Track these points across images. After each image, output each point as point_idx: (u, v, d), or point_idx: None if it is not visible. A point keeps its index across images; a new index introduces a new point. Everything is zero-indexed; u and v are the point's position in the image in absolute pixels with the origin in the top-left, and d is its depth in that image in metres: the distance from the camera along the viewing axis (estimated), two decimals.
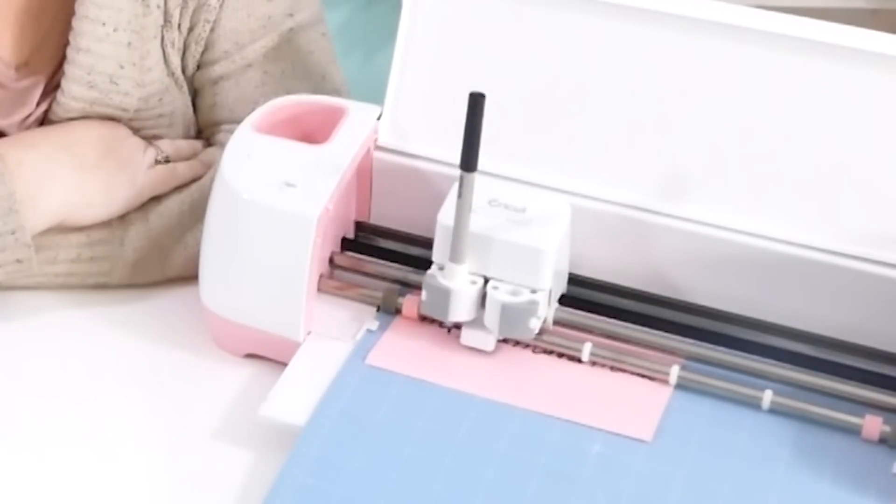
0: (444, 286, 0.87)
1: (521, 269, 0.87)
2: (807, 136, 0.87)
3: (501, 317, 0.86)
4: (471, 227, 0.86)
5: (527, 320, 0.87)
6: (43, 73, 1.01)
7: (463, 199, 0.85)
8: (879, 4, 1.62)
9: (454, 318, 0.88)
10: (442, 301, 0.87)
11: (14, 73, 1.00)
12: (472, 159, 0.84)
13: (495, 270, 0.87)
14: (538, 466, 0.81)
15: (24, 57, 1.00)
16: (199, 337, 0.94)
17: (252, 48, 1.04)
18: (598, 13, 0.90)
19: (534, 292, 0.87)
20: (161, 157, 1.01)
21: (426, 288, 0.87)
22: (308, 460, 0.81)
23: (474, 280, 0.87)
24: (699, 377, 0.86)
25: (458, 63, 0.94)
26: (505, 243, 0.87)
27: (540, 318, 0.87)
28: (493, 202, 0.88)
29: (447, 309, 0.87)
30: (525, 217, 0.88)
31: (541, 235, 0.87)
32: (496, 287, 0.87)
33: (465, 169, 0.84)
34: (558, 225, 0.88)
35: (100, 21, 0.97)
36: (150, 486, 0.84)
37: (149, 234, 0.98)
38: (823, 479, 0.81)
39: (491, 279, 0.87)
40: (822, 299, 0.87)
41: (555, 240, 0.87)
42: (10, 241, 0.93)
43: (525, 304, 0.86)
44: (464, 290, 0.87)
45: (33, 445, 0.86)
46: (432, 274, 0.88)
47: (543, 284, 0.87)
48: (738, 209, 0.89)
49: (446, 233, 0.87)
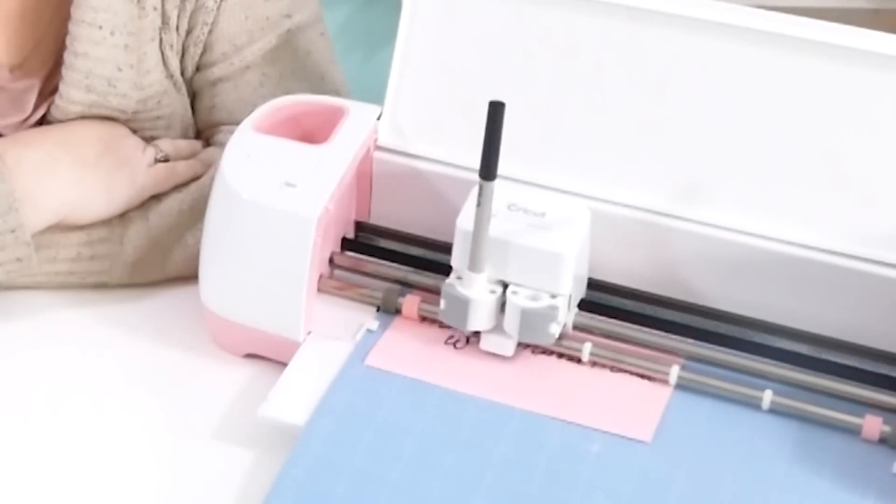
0: (463, 295, 0.86)
1: (541, 273, 0.86)
2: (807, 136, 0.87)
3: (521, 322, 0.86)
4: (490, 232, 0.85)
5: (547, 325, 0.86)
6: (38, 75, 1.01)
7: (482, 208, 0.84)
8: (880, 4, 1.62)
9: (473, 326, 0.87)
10: (461, 310, 0.87)
11: (9, 74, 1.00)
12: (492, 168, 0.83)
13: (515, 275, 0.87)
14: (538, 467, 0.81)
15: (19, 59, 1.00)
16: (199, 337, 0.94)
17: (250, 50, 1.04)
18: (599, 13, 0.90)
19: (554, 297, 0.86)
20: (160, 155, 1.01)
21: (445, 297, 0.87)
22: (308, 460, 0.81)
23: (493, 289, 0.87)
24: (699, 377, 0.86)
25: (458, 63, 0.94)
26: (524, 248, 0.86)
27: (560, 323, 0.87)
28: (513, 206, 0.88)
29: (466, 318, 0.87)
30: (544, 221, 0.87)
31: (561, 240, 0.87)
32: (516, 292, 0.87)
33: (485, 178, 0.84)
34: (578, 229, 0.88)
35: (96, 25, 0.97)
36: (151, 486, 0.84)
37: (149, 233, 0.98)
38: (823, 479, 0.81)
39: (510, 284, 0.87)
40: (822, 299, 0.87)
41: (574, 244, 0.87)
42: (10, 240, 0.93)
43: (545, 309, 0.86)
44: (483, 299, 0.86)
45: (33, 445, 0.86)
46: (451, 283, 0.87)
47: (563, 289, 0.87)
48: (740, 209, 0.88)
49: (465, 238, 0.86)
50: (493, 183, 0.84)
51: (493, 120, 0.82)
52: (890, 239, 0.86)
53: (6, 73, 1.00)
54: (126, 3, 0.98)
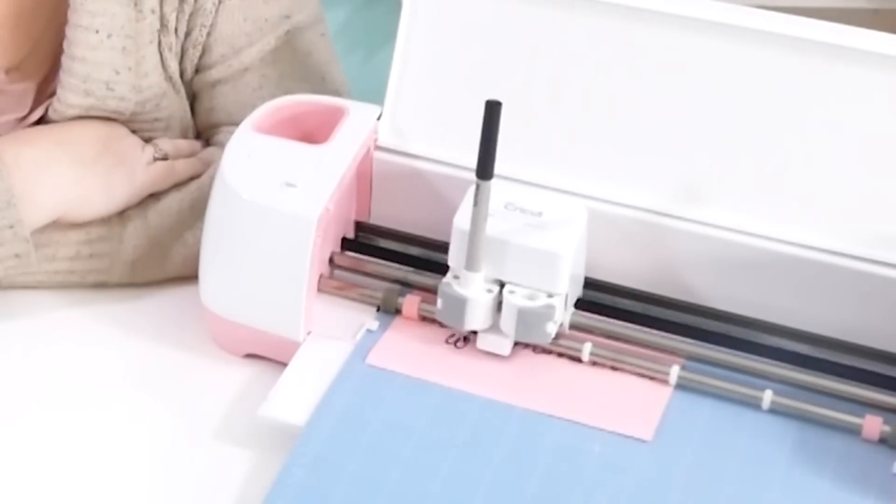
0: (460, 294, 0.86)
1: (538, 273, 0.86)
2: (807, 136, 0.87)
3: (518, 321, 0.86)
4: (487, 231, 0.85)
5: (543, 324, 0.86)
6: (35, 78, 1.01)
7: (479, 208, 0.84)
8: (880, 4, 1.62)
9: (470, 326, 0.87)
10: (458, 309, 0.87)
11: (5, 76, 1.00)
12: (489, 167, 0.83)
13: (511, 274, 0.87)
14: (538, 466, 0.81)
15: (15, 61, 1.00)
16: (199, 337, 0.94)
17: (248, 52, 1.04)
18: (599, 13, 0.90)
19: (550, 296, 0.86)
20: (159, 154, 1.01)
21: (441, 296, 0.87)
22: (308, 460, 0.81)
23: (490, 288, 0.87)
24: (699, 377, 0.86)
25: (458, 63, 0.94)
26: (521, 247, 0.86)
27: (556, 322, 0.87)
28: (510, 206, 0.88)
29: (463, 317, 0.87)
30: (541, 221, 0.87)
31: (557, 239, 0.87)
32: (512, 291, 0.87)
33: (482, 177, 0.84)
34: (575, 229, 0.88)
35: (93, 29, 0.97)
36: (151, 486, 0.84)
37: (148, 232, 0.98)
38: (823, 479, 0.81)
39: (507, 283, 0.87)
40: (822, 299, 0.87)
41: (571, 244, 0.87)
42: (9, 236, 0.93)
43: (542, 308, 0.86)
44: (479, 299, 0.86)
45: (33, 445, 0.86)
46: (447, 282, 0.87)
47: (560, 289, 0.87)
48: (738, 209, 0.88)
49: (462, 237, 0.86)
50: (489, 182, 0.84)
51: (489, 119, 0.82)
52: (890, 239, 0.86)
53: (2, 75, 1.00)
54: (123, 7, 0.98)
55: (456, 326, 0.88)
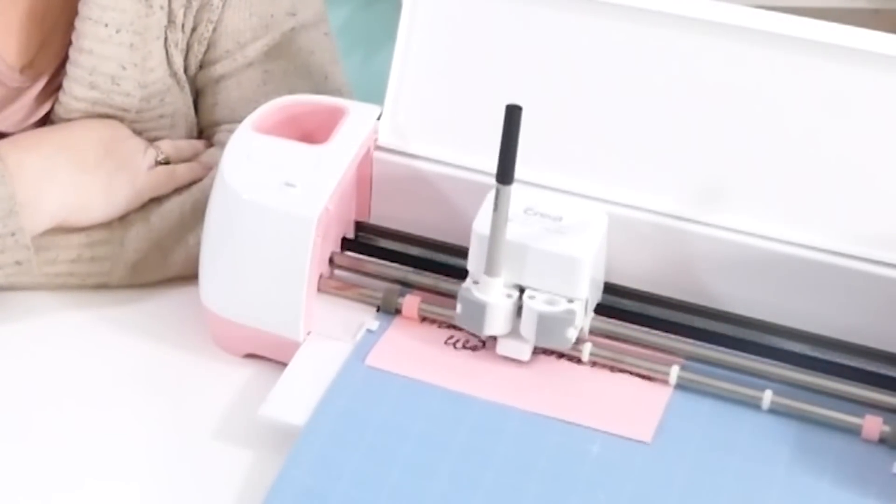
0: (480, 300, 0.86)
1: (558, 278, 0.86)
2: (807, 136, 0.87)
3: (538, 326, 0.86)
4: (507, 236, 0.85)
5: (564, 330, 0.86)
6: (46, 73, 1.01)
7: (499, 213, 0.84)
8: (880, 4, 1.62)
9: (489, 331, 0.87)
10: (477, 314, 0.86)
11: (19, 75, 1.00)
12: (509, 172, 0.83)
13: (531, 279, 0.86)
14: (538, 467, 0.81)
15: (28, 59, 1.01)
16: (199, 337, 0.94)
17: (253, 46, 1.04)
18: (602, 14, 0.90)
19: (571, 301, 0.86)
20: (161, 157, 1.01)
21: (461, 301, 0.87)
22: (308, 460, 0.81)
23: (510, 293, 0.87)
24: (699, 377, 0.86)
25: (458, 63, 0.94)
26: (541, 252, 0.86)
27: (577, 327, 0.87)
28: (529, 210, 0.88)
29: (483, 323, 0.87)
30: (561, 226, 0.87)
31: (578, 244, 0.86)
32: (532, 296, 0.86)
33: (502, 182, 0.83)
34: (595, 233, 0.87)
35: (102, 22, 0.97)
36: (151, 486, 0.84)
37: (150, 235, 0.98)
38: (823, 479, 0.81)
39: (527, 288, 0.87)
40: (822, 299, 0.87)
41: (591, 248, 0.87)
42: (11, 243, 0.93)
43: (562, 313, 0.86)
44: (499, 304, 0.86)
45: (33, 445, 0.86)
46: (467, 287, 0.87)
47: (580, 294, 0.86)
48: (742, 211, 0.88)
49: (482, 242, 0.86)
50: (510, 187, 0.83)
51: (509, 123, 0.82)
52: (890, 239, 0.86)
53: (16, 74, 1.00)
54: (134, 2, 0.99)
55: (475, 332, 0.88)
